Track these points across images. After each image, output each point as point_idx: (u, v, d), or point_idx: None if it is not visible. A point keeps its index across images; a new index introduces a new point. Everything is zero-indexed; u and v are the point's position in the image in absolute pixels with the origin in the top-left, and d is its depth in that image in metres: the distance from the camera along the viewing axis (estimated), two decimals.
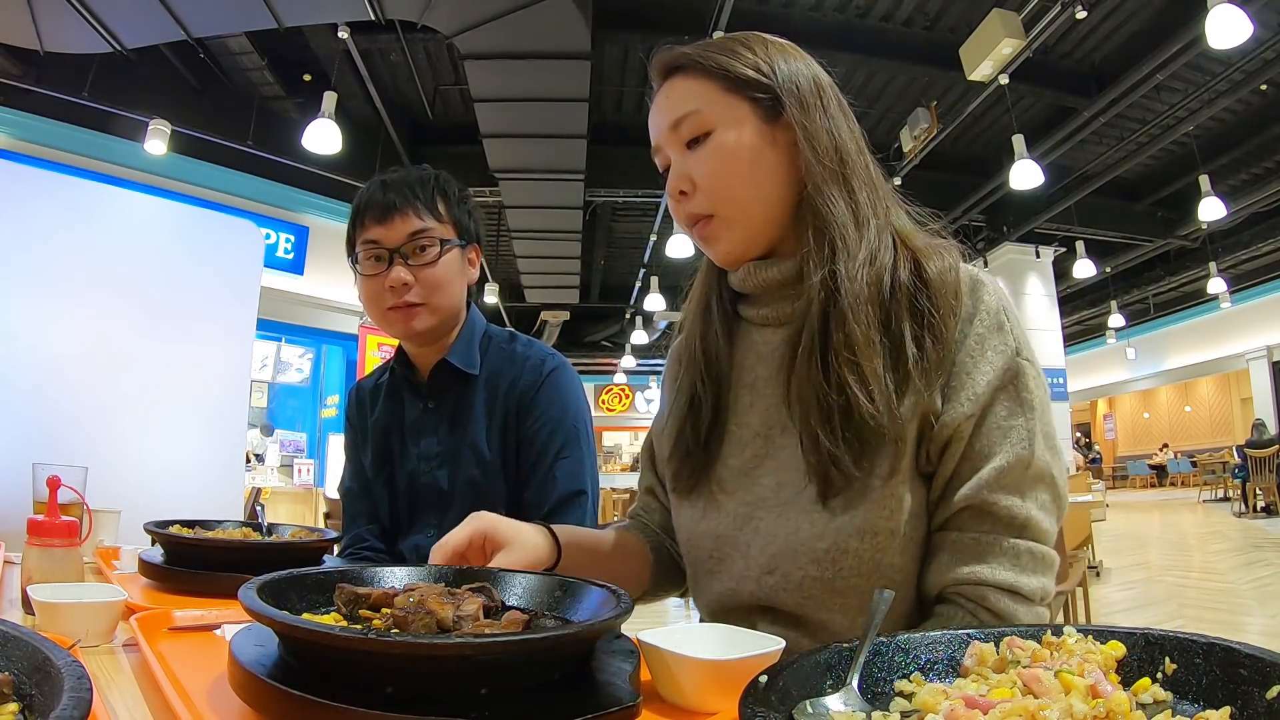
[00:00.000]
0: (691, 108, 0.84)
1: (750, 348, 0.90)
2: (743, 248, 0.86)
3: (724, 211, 0.84)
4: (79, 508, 1.34)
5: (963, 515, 0.77)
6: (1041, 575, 0.76)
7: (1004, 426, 0.76)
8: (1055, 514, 0.77)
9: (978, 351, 0.77)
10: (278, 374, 9.04)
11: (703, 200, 0.84)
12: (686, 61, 0.85)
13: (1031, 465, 0.75)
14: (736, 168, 0.82)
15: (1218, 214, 7.63)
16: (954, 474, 0.77)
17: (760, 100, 0.83)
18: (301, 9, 5.21)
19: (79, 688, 0.39)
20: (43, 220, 1.92)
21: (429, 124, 7.78)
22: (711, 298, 0.93)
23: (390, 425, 1.43)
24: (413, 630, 0.60)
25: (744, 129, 0.83)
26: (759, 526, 0.84)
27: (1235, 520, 10.07)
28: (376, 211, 1.28)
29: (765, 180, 0.83)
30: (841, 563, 0.78)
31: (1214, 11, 4.44)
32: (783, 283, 0.86)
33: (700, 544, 0.90)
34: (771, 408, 0.86)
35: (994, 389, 0.76)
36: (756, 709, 0.44)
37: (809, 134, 0.82)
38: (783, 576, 0.81)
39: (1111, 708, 0.42)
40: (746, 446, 0.87)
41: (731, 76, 0.83)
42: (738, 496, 0.87)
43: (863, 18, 6.25)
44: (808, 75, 0.85)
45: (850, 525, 0.77)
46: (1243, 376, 15.50)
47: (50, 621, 0.78)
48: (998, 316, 0.79)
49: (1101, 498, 9.81)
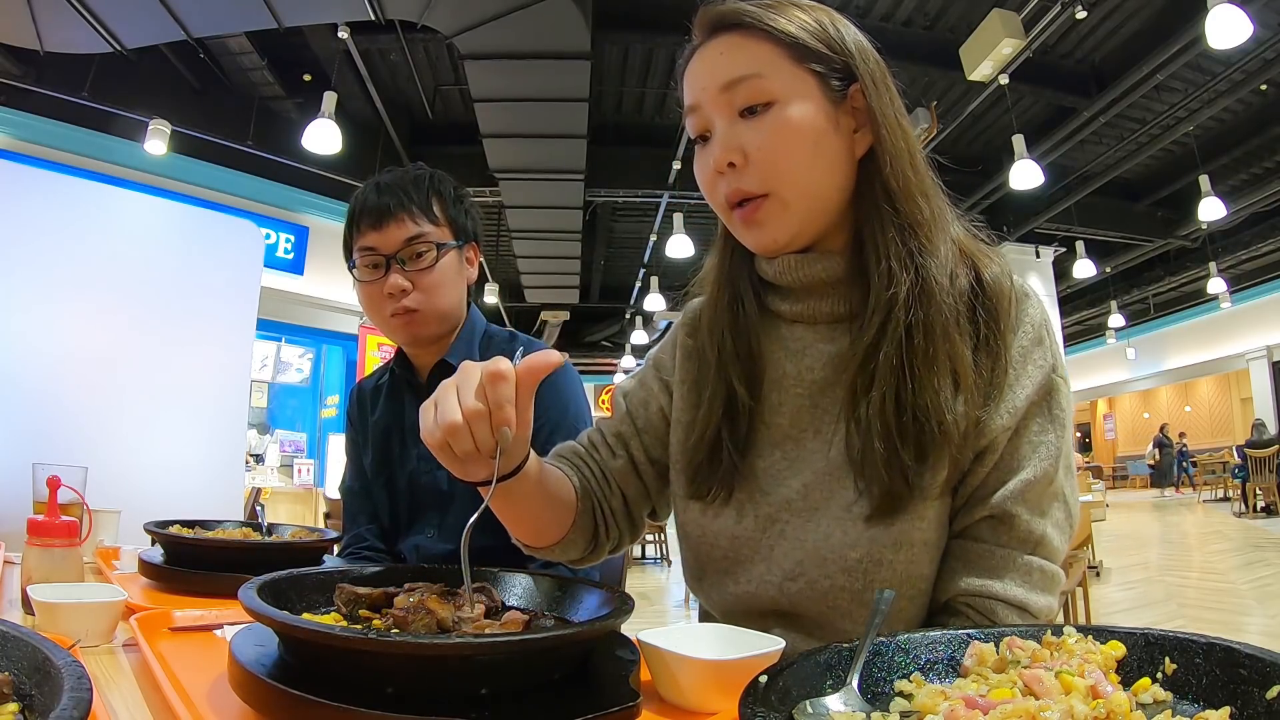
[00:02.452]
0: (752, 70, 0.75)
1: (777, 342, 0.84)
2: (791, 235, 0.78)
3: (782, 192, 0.75)
4: (79, 508, 1.34)
5: (982, 525, 0.76)
6: (1050, 594, 0.76)
7: (1035, 441, 0.75)
8: (1068, 533, 0.77)
9: (1020, 365, 0.76)
10: (278, 374, 9.03)
11: (757, 176, 0.75)
12: (748, 19, 0.76)
13: (1054, 482, 0.75)
14: (802, 146, 0.74)
15: (1218, 214, 7.62)
16: (983, 483, 0.76)
17: (828, 76, 0.76)
18: (301, 9, 5.20)
19: (79, 688, 0.39)
20: (43, 220, 1.92)
21: (429, 124, 7.78)
22: (742, 290, 0.85)
23: (391, 426, 1.43)
24: (413, 630, 0.60)
25: (812, 105, 0.75)
26: (784, 530, 0.80)
27: (1235, 520, 10.07)
28: (371, 217, 1.28)
29: (827, 165, 0.76)
30: (874, 574, 0.75)
31: (1214, 11, 4.44)
32: (828, 281, 0.80)
33: (715, 542, 0.85)
34: (802, 409, 0.82)
35: (1031, 403, 0.75)
36: (756, 709, 0.44)
37: (885, 121, 0.76)
38: (808, 584, 0.78)
39: (1112, 708, 0.42)
40: (776, 448, 0.83)
41: (800, 45, 0.75)
42: (762, 499, 0.82)
43: (863, 18, 6.22)
44: (872, 52, 0.79)
45: (887, 536, 0.75)
46: (1243, 376, 15.49)
47: (50, 621, 0.78)
48: (1040, 331, 0.77)
49: (1101, 498, 9.81)
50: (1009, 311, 0.76)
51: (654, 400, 0.94)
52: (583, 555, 0.92)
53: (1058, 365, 0.77)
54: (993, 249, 0.82)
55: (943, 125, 6.66)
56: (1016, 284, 0.79)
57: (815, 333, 0.82)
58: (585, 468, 0.93)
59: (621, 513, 0.94)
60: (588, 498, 0.90)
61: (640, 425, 0.94)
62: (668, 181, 7.69)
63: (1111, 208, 9.72)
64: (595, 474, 0.92)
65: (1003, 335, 0.75)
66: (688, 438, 0.87)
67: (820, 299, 0.81)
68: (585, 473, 0.92)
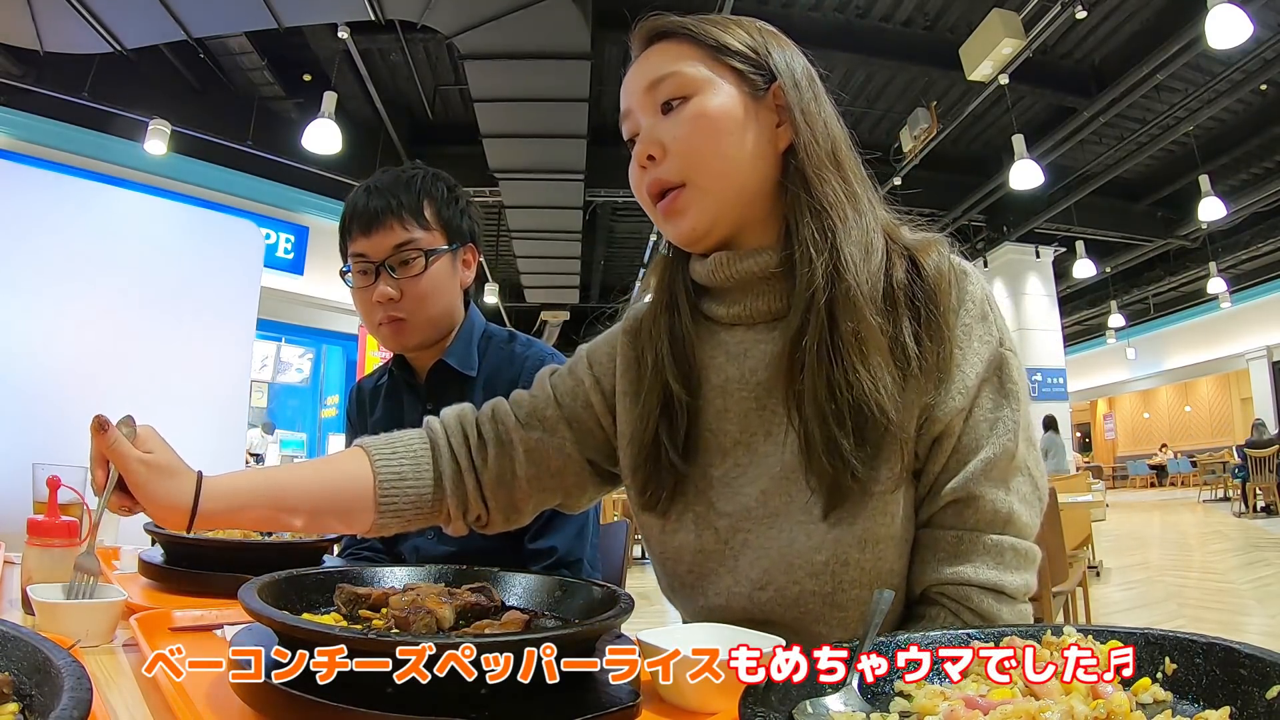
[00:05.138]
0: (671, 69, 0.79)
1: (718, 347, 0.84)
2: (710, 223, 0.79)
3: (697, 180, 0.78)
4: (79, 508, 1.33)
5: (947, 510, 0.75)
6: (1024, 572, 0.75)
7: (991, 419, 0.75)
8: (1037, 506, 0.77)
9: (965, 343, 0.75)
10: (278, 374, 9.04)
11: (674, 166, 0.78)
12: (674, 28, 0.81)
13: (1015, 456, 0.75)
14: (715, 135, 0.77)
15: (1218, 214, 7.63)
16: (944, 468, 0.75)
17: (747, 75, 0.79)
18: (301, 9, 5.21)
19: (79, 688, 0.39)
20: (43, 220, 1.92)
21: (429, 124, 7.78)
22: (676, 293, 0.86)
23: (390, 426, 1.40)
24: (413, 630, 0.60)
25: (727, 97, 0.78)
26: (747, 540, 0.79)
27: (1235, 520, 10.07)
28: (362, 223, 1.28)
29: (743, 154, 0.78)
30: (842, 575, 0.74)
31: (1214, 11, 4.44)
32: (760, 277, 0.80)
33: (678, 558, 0.84)
34: (749, 412, 0.81)
35: (982, 380, 0.75)
36: (756, 709, 0.44)
37: (805, 114, 0.78)
38: (777, 592, 0.77)
39: (1111, 708, 0.42)
40: (727, 455, 0.82)
41: (720, 45, 0.79)
42: (720, 509, 0.81)
43: (863, 17, 6.24)
44: (801, 62, 0.83)
45: (850, 535, 0.74)
46: (1243, 376, 15.50)
47: (50, 621, 0.78)
48: (982, 306, 0.77)
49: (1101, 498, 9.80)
50: (949, 292, 0.76)
51: (583, 393, 0.93)
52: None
53: (1004, 339, 0.77)
54: (933, 235, 0.81)
55: (943, 125, 6.66)
56: (955, 263, 0.79)
57: (755, 333, 0.82)
58: (454, 435, 0.91)
59: (496, 486, 0.90)
60: (423, 474, 0.89)
61: (566, 413, 0.92)
62: None
63: (1111, 208, 9.72)
64: (472, 443, 0.91)
65: (943, 315, 0.75)
66: (632, 448, 0.86)
67: (756, 297, 0.81)
68: (449, 441, 0.91)
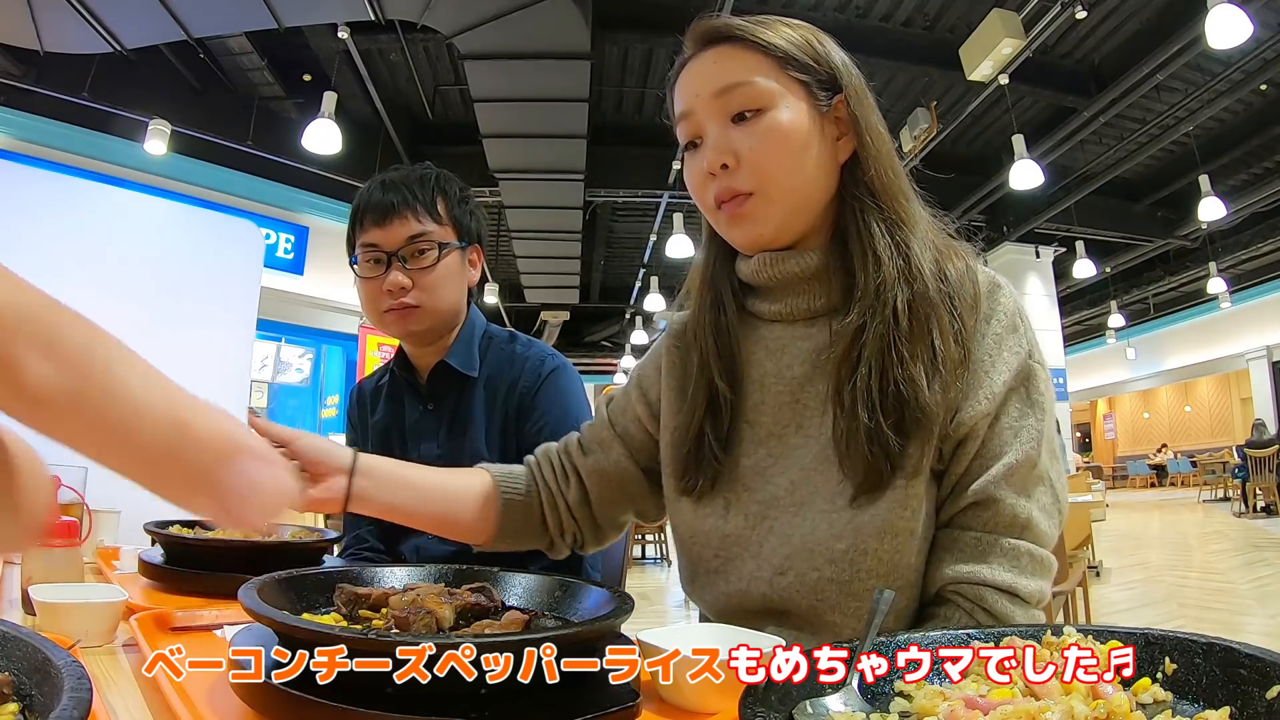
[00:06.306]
0: (744, 78, 0.80)
1: (758, 343, 0.88)
2: (775, 231, 0.83)
3: (769, 191, 0.81)
4: (79, 508, 1.33)
5: (967, 512, 0.77)
6: (1040, 578, 0.76)
7: (1015, 426, 0.77)
8: (1056, 517, 0.78)
9: (995, 351, 0.78)
10: (278, 374, 9.03)
11: (748, 176, 0.80)
12: (739, 32, 0.82)
13: (1037, 465, 0.77)
14: (789, 150, 0.80)
15: (1218, 214, 7.62)
16: (966, 471, 0.78)
17: (813, 87, 0.82)
18: (301, 9, 5.20)
19: (79, 688, 0.39)
20: (43, 220, 1.92)
21: (429, 124, 7.77)
22: (722, 291, 0.90)
23: (390, 427, 1.43)
24: (413, 630, 0.60)
25: (798, 113, 0.80)
26: (773, 526, 0.82)
27: (1235, 520, 10.07)
28: (375, 214, 1.28)
29: (812, 168, 0.81)
30: (860, 564, 0.77)
31: (1214, 11, 4.44)
32: (802, 277, 0.84)
33: (706, 542, 0.87)
34: (784, 405, 0.85)
35: (1009, 389, 0.78)
36: (756, 709, 0.44)
37: (868, 127, 0.82)
38: (797, 578, 0.79)
39: (1111, 708, 0.42)
40: (760, 445, 0.86)
41: (787, 57, 0.81)
42: (750, 496, 0.85)
43: (862, 18, 6.24)
44: (854, 66, 0.85)
45: (870, 525, 0.76)
46: (1243, 376, 15.49)
47: (50, 621, 0.78)
48: (1014, 319, 0.80)
49: (1101, 498, 9.81)
50: (980, 303, 0.80)
51: (631, 408, 1.00)
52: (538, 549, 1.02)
53: (1034, 351, 0.80)
54: (961, 244, 0.86)
55: (943, 125, 6.66)
56: (987, 275, 0.82)
57: (793, 331, 0.86)
58: (544, 466, 1.01)
59: (579, 508, 0.99)
60: (532, 496, 0.99)
61: (619, 430, 1.00)
62: (668, 181, 7.69)
63: (1111, 208, 9.72)
64: (556, 471, 1.01)
65: (975, 326, 0.79)
66: (674, 437, 0.91)
67: (797, 296, 0.85)
68: (540, 472, 1.01)
